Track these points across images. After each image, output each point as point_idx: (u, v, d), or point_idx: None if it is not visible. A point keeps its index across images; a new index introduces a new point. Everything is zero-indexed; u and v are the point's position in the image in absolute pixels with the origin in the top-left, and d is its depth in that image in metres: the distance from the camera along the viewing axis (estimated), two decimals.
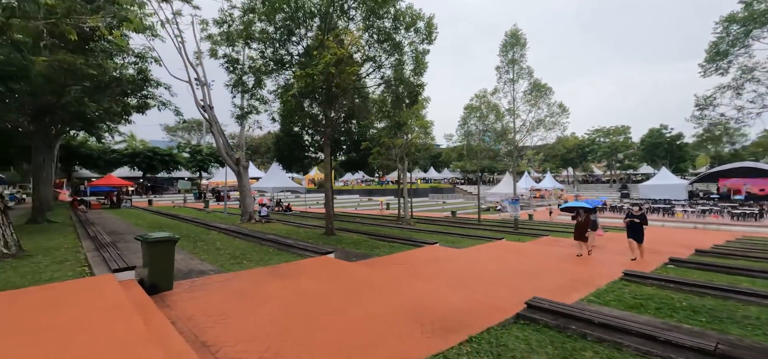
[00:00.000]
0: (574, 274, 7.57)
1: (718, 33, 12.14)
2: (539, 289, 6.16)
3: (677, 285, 6.48)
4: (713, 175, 48.42)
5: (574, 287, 6.38)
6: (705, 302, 5.64)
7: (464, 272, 7.61)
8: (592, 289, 6.23)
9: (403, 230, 17.08)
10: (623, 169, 73.32)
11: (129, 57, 14.58)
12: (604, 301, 5.60)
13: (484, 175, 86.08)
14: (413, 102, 11.68)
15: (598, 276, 7.43)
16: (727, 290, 6.08)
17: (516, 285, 6.58)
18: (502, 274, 7.50)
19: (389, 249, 10.60)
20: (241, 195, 18.71)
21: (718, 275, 8.11)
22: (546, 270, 8.05)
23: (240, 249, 9.94)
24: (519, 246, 12.49)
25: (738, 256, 11.52)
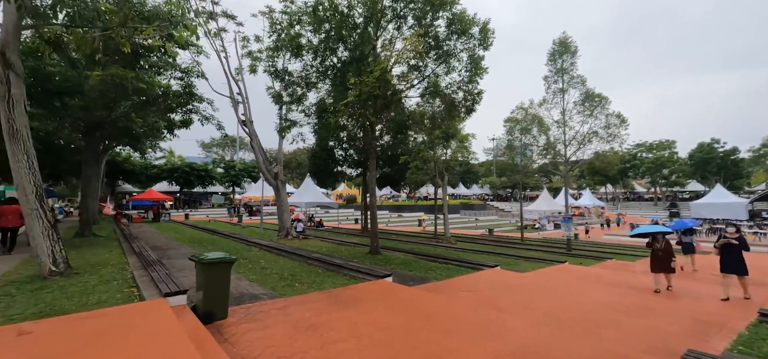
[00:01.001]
0: (689, 313, 6.31)
1: None
2: (660, 332, 5.04)
3: None
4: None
5: (706, 332, 5.18)
6: None
7: (550, 306, 6.53)
8: (732, 335, 5.01)
9: (449, 249, 16.03)
10: (669, 186, 68.60)
11: (176, 72, 14.68)
12: (763, 354, 4.40)
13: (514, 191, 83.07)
14: (470, 110, 10.86)
15: (722, 315, 6.14)
16: None
17: (631, 326, 5.45)
18: (599, 310, 6.37)
19: (446, 272, 9.65)
20: (279, 210, 18.34)
21: None
22: (648, 305, 6.83)
23: (287, 268, 9.30)
24: (588, 271, 11.17)
25: None
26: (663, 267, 8.32)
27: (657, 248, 8.45)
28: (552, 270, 10.82)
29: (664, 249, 8.38)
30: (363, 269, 8.46)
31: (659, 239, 8.56)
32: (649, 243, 8.78)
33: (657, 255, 8.41)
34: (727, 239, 7.87)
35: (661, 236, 8.64)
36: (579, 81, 17.44)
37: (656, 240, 8.56)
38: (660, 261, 8.34)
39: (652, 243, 8.66)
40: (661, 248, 8.40)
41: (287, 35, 12.15)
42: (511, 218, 51.95)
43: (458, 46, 10.35)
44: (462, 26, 9.88)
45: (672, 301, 7.28)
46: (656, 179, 66.36)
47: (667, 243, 8.47)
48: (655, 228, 9.38)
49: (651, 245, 8.67)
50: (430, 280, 8.62)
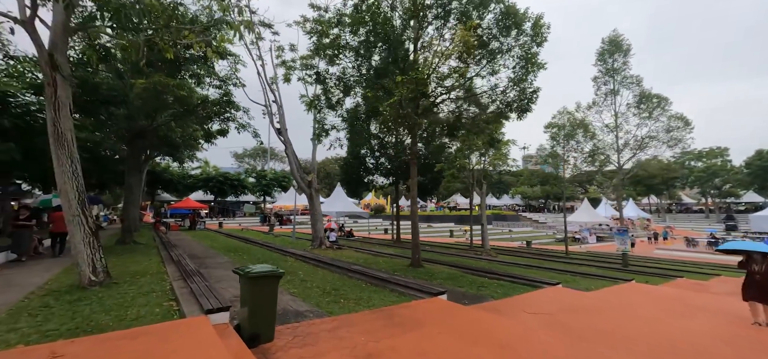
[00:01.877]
0: None
1: None
2: None
3: None
4: None
5: None
6: None
7: (643, 336, 5.49)
8: None
9: (492, 262, 14.96)
10: (721, 197, 63.24)
11: (214, 80, 14.74)
12: None
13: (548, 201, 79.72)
14: (525, 110, 9.96)
15: None
16: None
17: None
18: (707, 343, 5.29)
19: (500, 289, 8.71)
20: (313, 219, 17.96)
21: None
22: (761, 338, 5.65)
23: (328, 281, 8.70)
24: (663, 291, 9.87)
25: None
26: (763, 296, 6.67)
27: (755, 271, 6.81)
28: (621, 290, 9.61)
29: (764, 273, 6.71)
30: (412, 285, 7.70)
31: (757, 259, 6.86)
32: (742, 263, 7.12)
33: (754, 281, 6.80)
34: None
35: (760, 256, 6.86)
36: (634, 81, 16.04)
37: (753, 261, 6.89)
38: (760, 289, 6.71)
39: (746, 264, 7.01)
40: (759, 271, 6.75)
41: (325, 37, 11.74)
42: (548, 230, 49.39)
43: (510, 42, 9.52)
44: (515, 20, 9.07)
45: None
46: (707, 189, 61.41)
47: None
48: (753, 245, 7.34)
49: (745, 266, 7.02)
50: (486, 299, 7.73)
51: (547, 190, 70.30)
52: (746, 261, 7.00)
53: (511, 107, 9.82)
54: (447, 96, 9.58)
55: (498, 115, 10.31)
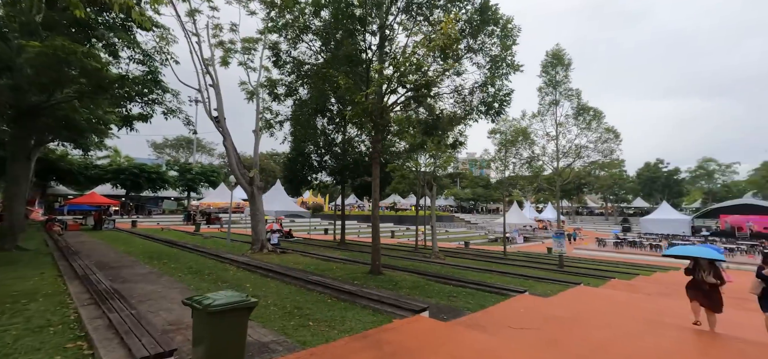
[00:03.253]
0: None
1: None
2: None
3: None
4: (714, 211, 48.22)
5: None
6: None
7: (636, 352, 5.42)
8: None
9: (445, 266, 14.82)
10: (617, 202, 73.30)
11: (136, 53, 12.27)
12: None
13: (477, 204, 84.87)
14: (498, 112, 9.76)
15: None
16: None
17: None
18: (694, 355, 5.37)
19: (471, 298, 8.33)
20: (254, 220, 16.15)
21: None
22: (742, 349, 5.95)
23: (286, 297, 7.50)
24: (613, 295, 10.46)
25: None
26: (706, 301, 6.33)
27: (702, 279, 6.33)
28: (576, 294, 9.93)
29: (707, 280, 6.26)
30: (388, 300, 6.91)
31: (704, 266, 6.37)
32: (688, 270, 6.66)
33: (700, 288, 6.38)
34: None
35: (706, 263, 6.40)
36: (573, 94, 17.23)
37: (701, 268, 6.40)
38: (705, 295, 6.34)
39: (693, 271, 6.52)
40: (706, 279, 6.27)
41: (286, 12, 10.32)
42: (480, 230, 52.30)
43: (485, 41, 9.24)
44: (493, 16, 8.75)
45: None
46: (607, 196, 70.59)
47: (718, 274, 6.27)
48: (699, 251, 6.80)
49: (692, 273, 6.54)
50: (462, 311, 7.26)
51: (468, 194, 74.88)
52: (693, 268, 6.57)
53: (489, 108, 9.58)
54: (427, 92, 9.00)
55: (466, 115, 10.00)
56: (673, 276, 17.34)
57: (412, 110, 10.82)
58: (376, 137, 10.65)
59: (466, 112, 9.86)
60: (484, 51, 9.31)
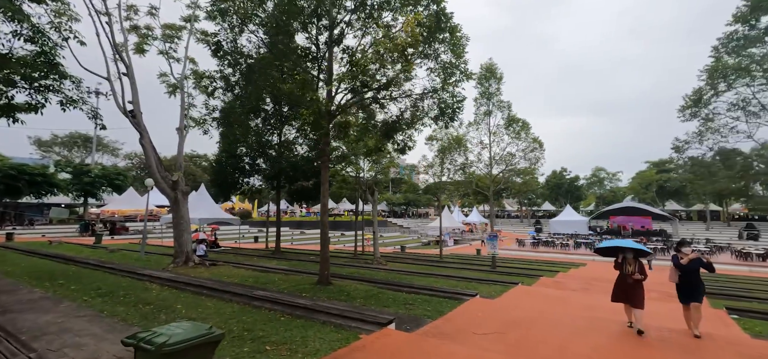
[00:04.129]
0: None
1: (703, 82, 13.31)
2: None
3: None
4: (605, 213, 56.25)
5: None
6: None
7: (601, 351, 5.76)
8: None
9: (390, 272, 14.70)
10: (529, 206, 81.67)
11: (25, 28, 9.90)
12: None
13: (409, 208, 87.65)
14: (451, 118, 9.84)
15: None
16: None
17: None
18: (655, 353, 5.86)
19: (428, 305, 8.25)
20: (178, 229, 14.22)
21: None
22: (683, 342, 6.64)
23: (230, 317, 6.55)
24: (547, 292, 11.29)
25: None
26: (630, 297, 6.39)
27: (629, 272, 6.42)
28: (519, 294, 10.51)
29: (632, 274, 6.37)
30: (350, 313, 6.43)
31: (630, 260, 6.48)
32: (617, 264, 6.74)
33: (625, 283, 6.48)
34: (682, 261, 6.34)
35: (631, 256, 6.50)
36: (505, 105, 18.59)
37: (627, 262, 6.50)
38: (629, 291, 6.41)
39: (621, 265, 6.62)
40: (632, 273, 6.38)
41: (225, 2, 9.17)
42: (413, 234, 53.80)
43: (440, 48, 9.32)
44: (447, 23, 8.85)
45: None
46: (522, 200, 78.23)
47: (642, 269, 6.39)
48: (624, 242, 6.77)
49: (620, 267, 6.64)
50: (423, 320, 7.11)
51: (399, 198, 77.34)
52: (621, 262, 6.63)
53: (442, 113, 9.63)
54: (388, 93, 8.70)
55: (417, 120, 9.96)
56: (584, 271, 19.63)
57: (367, 112, 10.46)
58: (326, 140, 10.08)
59: (417, 117, 9.86)
60: (437, 57, 9.41)
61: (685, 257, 6.41)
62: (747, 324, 7.90)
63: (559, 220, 55.57)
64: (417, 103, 9.67)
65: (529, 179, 69.37)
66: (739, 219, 58.48)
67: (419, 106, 9.75)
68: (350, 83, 7.99)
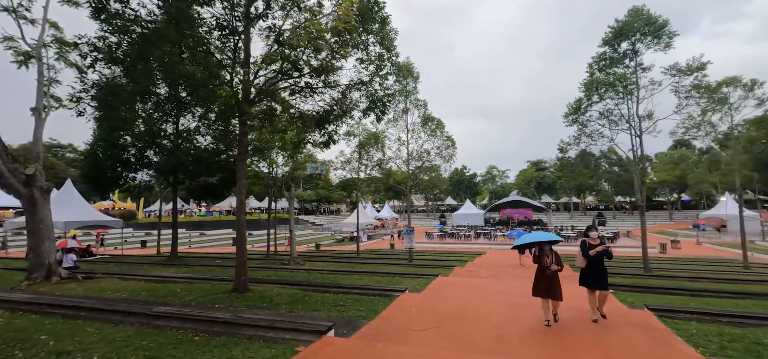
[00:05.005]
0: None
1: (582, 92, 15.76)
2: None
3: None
4: (497, 206, 63.56)
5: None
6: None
7: (537, 337, 6.14)
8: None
9: (312, 273, 13.96)
10: (435, 201, 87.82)
11: None
12: None
13: (321, 205, 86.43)
14: (382, 111, 9.55)
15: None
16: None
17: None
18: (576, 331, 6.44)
19: (361, 305, 7.93)
20: (35, 237, 11.13)
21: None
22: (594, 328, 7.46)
23: (124, 346, 5.22)
24: (467, 282, 11.97)
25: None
26: (550, 290, 6.24)
27: (547, 265, 6.31)
28: (443, 286, 10.90)
29: (549, 266, 6.28)
30: (281, 323, 5.71)
31: (548, 253, 6.38)
32: (536, 258, 6.56)
33: (544, 276, 6.29)
34: (604, 246, 6.42)
35: (548, 248, 6.42)
36: (421, 104, 19.31)
37: (545, 254, 6.39)
38: (548, 283, 6.25)
39: (539, 258, 6.46)
40: (550, 266, 6.28)
41: None
42: (326, 231, 52.90)
43: (370, 38, 8.99)
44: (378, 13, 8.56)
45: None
46: (428, 195, 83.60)
47: (558, 259, 6.38)
48: (542, 236, 6.68)
49: (539, 260, 6.47)
50: (359, 321, 6.78)
51: (311, 195, 75.95)
52: (539, 255, 6.47)
53: (373, 105, 9.30)
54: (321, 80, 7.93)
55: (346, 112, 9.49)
56: (486, 259, 21.69)
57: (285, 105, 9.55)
58: (244, 129, 8.93)
59: (349, 108, 9.42)
60: (366, 47, 9.11)
61: (594, 250, 6.37)
62: (620, 297, 9.52)
63: (460, 214, 60.72)
64: (346, 93, 9.22)
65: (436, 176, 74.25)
66: (592, 209, 71.88)
67: (349, 96, 9.33)
68: (278, 65, 7.15)
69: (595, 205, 74.07)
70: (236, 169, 9.18)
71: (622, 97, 15.51)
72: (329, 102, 9.19)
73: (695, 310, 7.14)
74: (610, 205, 69.77)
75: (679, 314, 6.93)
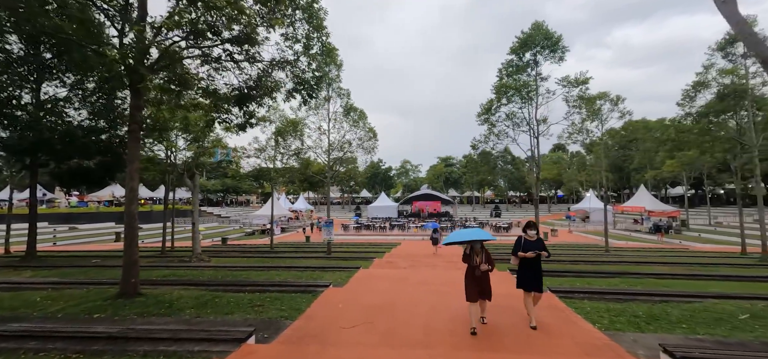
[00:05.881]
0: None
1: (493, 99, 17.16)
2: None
3: None
4: (410, 199, 66.61)
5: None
6: None
7: (460, 323, 6.24)
8: None
9: (220, 270, 12.50)
10: (351, 193, 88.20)
11: None
12: None
13: (228, 196, 79.98)
14: (310, 94, 8.72)
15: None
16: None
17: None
18: None
19: (282, 304, 7.24)
20: None
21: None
22: None
23: None
24: (391, 273, 11.99)
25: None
26: (483, 292, 5.71)
27: (477, 263, 5.64)
28: (368, 278, 10.73)
29: (481, 265, 5.63)
30: (186, 333, 4.79)
31: (478, 251, 5.72)
32: (466, 257, 5.84)
33: (474, 277, 5.63)
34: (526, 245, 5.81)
35: (479, 246, 5.77)
36: (344, 93, 18.83)
37: (475, 252, 5.71)
38: (480, 285, 5.65)
39: (469, 257, 5.75)
40: (480, 264, 5.63)
41: None
42: (234, 224, 48.81)
43: (297, 15, 8.17)
44: None
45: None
46: (344, 187, 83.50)
47: (489, 257, 5.73)
48: (471, 234, 5.95)
49: (468, 259, 5.75)
50: (282, 323, 6.16)
51: (216, 185, 69.81)
52: (469, 254, 5.79)
53: (301, 86, 8.47)
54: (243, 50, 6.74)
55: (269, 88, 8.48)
56: (402, 249, 22.27)
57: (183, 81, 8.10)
58: (137, 103, 7.35)
59: (274, 87, 8.46)
60: (293, 23, 8.31)
61: (526, 253, 5.74)
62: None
63: (375, 206, 61.99)
64: (268, 71, 8.28)
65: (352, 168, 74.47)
66: (490, 203, 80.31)
67: (272, 75, 8.40)
68: (188, 23, 5.94)
69: (492, 199, 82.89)
70: (126, 150, 7.56)
71: (524, 102, 17.36)
72: (248, 79, 8.12)
73: (585, 290, 8.24)
74: (504, 199, 78.86)
75: (574, 294, 7.90)
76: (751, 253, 18.85)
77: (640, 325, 5.84)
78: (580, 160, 64.16)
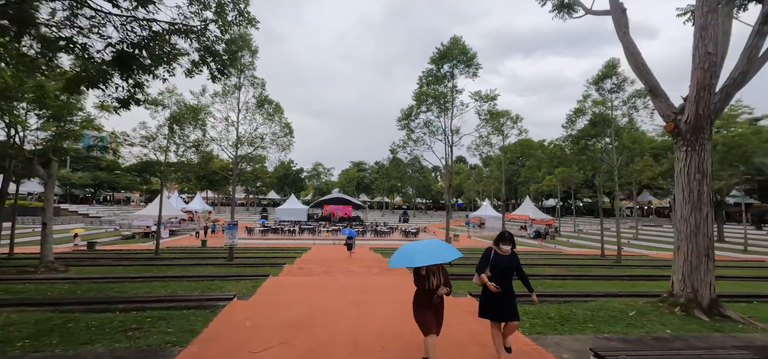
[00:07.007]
0: None
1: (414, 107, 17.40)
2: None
3: None
4: (321, 202, 65.08)
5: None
6: None
7: (393, 334, 5.63)
8: None
9: (81, 282, 9.78)
10: (257, 194, 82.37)
11: None
12: None
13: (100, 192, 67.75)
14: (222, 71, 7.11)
15: None
16: None
17: None
18: None
19: (168, 324, 5.72)
20: None
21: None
22: None
23: None
24: (300, 280, 10.89)
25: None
26: (439, 318, 4.33)
27: (435, 285, 4.23)
28: (275, 288, 9.51)
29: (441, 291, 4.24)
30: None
31: (435, 271, 4.30)
32: (420, 277, 4.31)
33: (432, 304, 4.29)
34: (497, 262, 4.46)
35: (436, 267, 4.32)
36: (259, 83, 17.05)
37: (431, 272, 4.28)
38: (436, 313, 4.32)
39: (425, 277, 4.28)
40: (435, 287, 4.23)
41: None
42: (107, 226, 40.79)
43: None
44: None
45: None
46: (250, 188, 77.54)
47: (446, 279, 4.36)
48: (436, 253, 4.14)
49: (423, 280, 4.29)
50: (169, 351, 4.78)
51: (83, 178, 58.49)
52: (426, 275, 4.27)
53: (212, 58, 6.86)
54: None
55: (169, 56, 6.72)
56: (313, 255, 21.10)
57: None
58: None
59: (172, 55, 6.74)
60: None
61: (494, 286, 4.33)
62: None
63: (284, 209, 58.81)
64: (165, 36, 6.60)
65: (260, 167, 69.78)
66: (398, 208, 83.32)
67: (173, 40, 6.74)
68: None
69: (401, 205, 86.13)
70: None
71: (441, 112, 18.04)
72: (136, 38, 6.27)
73: None
74: (412, 206, 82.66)
75: None
76: (607, 255, 22.79)
77: (556, 327, 6.08)
78: (478, 172, 70.81)
